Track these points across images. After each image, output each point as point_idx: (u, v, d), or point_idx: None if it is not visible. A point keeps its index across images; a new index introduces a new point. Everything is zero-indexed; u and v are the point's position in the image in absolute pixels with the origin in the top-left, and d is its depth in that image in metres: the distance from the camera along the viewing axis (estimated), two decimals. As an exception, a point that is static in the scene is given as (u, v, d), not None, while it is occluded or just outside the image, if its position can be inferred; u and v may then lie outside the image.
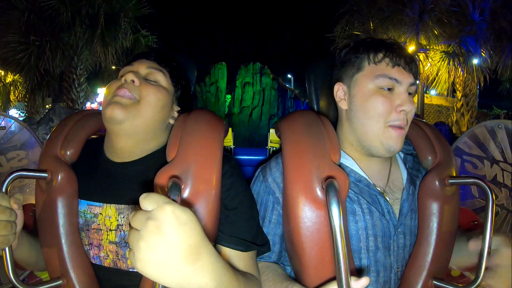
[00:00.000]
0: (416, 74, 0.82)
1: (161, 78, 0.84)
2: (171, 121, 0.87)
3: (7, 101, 8.52)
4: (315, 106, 1.02)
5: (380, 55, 0.81)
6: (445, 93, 8.48)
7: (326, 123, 0.83)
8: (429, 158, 0.86)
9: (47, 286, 0.75)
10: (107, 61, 7.84)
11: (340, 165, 0.81)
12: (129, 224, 0.48)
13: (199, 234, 0.49)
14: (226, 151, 0.82)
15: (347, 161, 0.86)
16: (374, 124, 0.80)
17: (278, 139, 0.86)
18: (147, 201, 0.47)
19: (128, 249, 0.77)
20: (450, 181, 0.81)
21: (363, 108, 0.81)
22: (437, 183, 0.81)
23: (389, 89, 0.80)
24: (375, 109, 0.79)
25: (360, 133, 0.83)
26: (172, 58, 0.91)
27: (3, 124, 2.07)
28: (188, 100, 0.93)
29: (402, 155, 0.93)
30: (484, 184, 0.77)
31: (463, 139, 1.92)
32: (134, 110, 0.76)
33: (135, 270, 0.76)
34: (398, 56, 0.80)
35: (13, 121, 2.12)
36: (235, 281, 0.60)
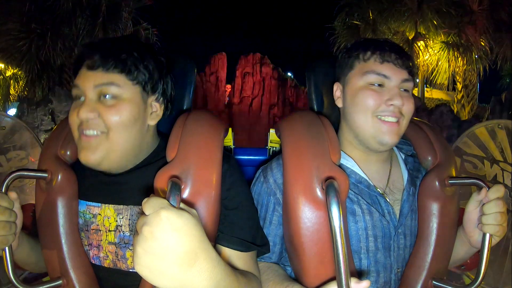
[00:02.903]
0: (410, 70, 0.82)
1: (117, 90, 0.71)
2: (151, 122, 0.78)
3: (7, 94, 8.48)
4: (315, 106, 1.02)
5: (368, 53, 0.83)
6: (445, 83, 8.41)
7: (326, 123, 0.83)
8: (429, 158, 0.86)
9: (47, 286, 0.75)
10: None
11: (341, 166, 0.81)
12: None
13: (197, 239, 0.49)
14: (226, 151, 0.81)
15: (347, 162, 0.86)
16: (363, 117, 0.82)
17: (278, 139, 0.86)
18: (146, 206, 0.48)
19: (128, 250, 0.77)
20: (450, 181, 0.81)
21: (353, 103, 0.83)
22: (437, 183, 0.81)
23: (379, 85, 0.81)
24: (364, 103, 0.81)
25: (353, 128, 0.84)
26: (119, 46, 0.74)
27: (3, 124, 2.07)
28: (160, 81, 0.78)
29: (403, 156, 0.93)
30: (484, 184, 0.77)
31: (463, 139, 1.92)
32: (105, 146, 0.71)
33: (135, 271, 0.76)
34: (387, 53, 0.81)
35: (13, 121, 2.12)
36: (236, 286, 0.60)
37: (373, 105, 0.80)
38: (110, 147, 0.71)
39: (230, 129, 1.09)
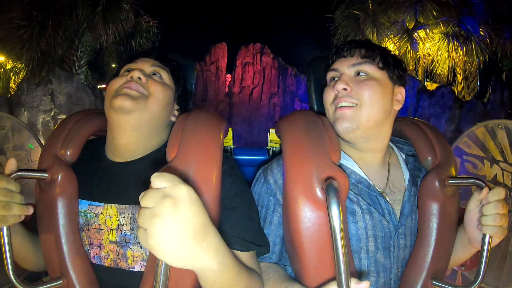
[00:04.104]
0: (364, 52, 0.85)
1: (165, 75, 0.87)
2: (173, 119, 0.88)
3: (7, 87, 8.45)
4: (315, 106, 1.02)
5: (331, 60, 0.91)
6: (445, 72, 8.33)
7: (326, 123, 0.83)
8: (429, 158, 0.86)
9: (47, 286, 0.75)
10: (108, 41, 7.77)
11: (341, 166, 0.81)
12: (140, 204, 0.49)
13: (206, 214, 0.51)
14: (226, 151, 0.82)
15: (347, 162, 0.86)
16: (327, 112, 0.87)
17: (278, 139, 0.86)
18: (162, 179, 0.47)
19: (138, 228, 0.76)
20: (450, 181, 0.81)
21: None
22: (437, 183, 0.81)
23: (335, 79, 0.87)
24: (324, 99, 0.88)
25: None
26: (172, 57, 0.94)
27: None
28: (186, 99, 0.96)
29: (403, 156, 0.93)
30: (484, 184, 0.77)
31: (463, 139, 1.92)
32: (142, 103, 0.78)
33: (135, 270, 0.76)
34: (340, 51, 0.88)
35: (13, 121, 2.13)
36: (237, 267, 0.62)
37: (330, 97, 0.85)
38: (145, 107, 0.79)
39: (230, 129, 1.09)
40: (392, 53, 0.89)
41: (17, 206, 0.69)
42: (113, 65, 8.82)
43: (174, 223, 0.46)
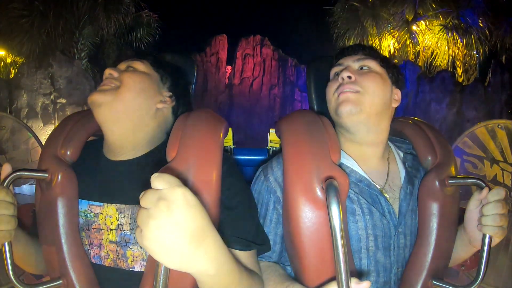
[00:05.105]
0: (367, 52, 0.92)
1: (139, 66, 0.86)
2: (159, 106, 0.86)
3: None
4: (315, 106, 1.02)
5: (336, 59, 0.96)
6: (445, 64, 8.30)
7: (326, 123, 0.83)
8: (429, 158, 0.86)
9: (47, 286, 0.75)
10: (109, 32, 7.76)
11: (341, 166, 0.81)
12: (140, 204, 0.49)
13: (206, 218, 0.50)
14: (226, 151, 0.82)
15: (348, 161, 0.86)
16: (329, 103, 0.90)
17: (278, 139, 0.86)
18: (160, 180, 0.47)
19: (136, 227, 0.76)
20: (450, 181, 0.81)
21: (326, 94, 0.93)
22: (437, 183, 0.81)
23: (338, 74, 0.91)
24: (328, 90, 0.91)
25: (331, 117, 0.90)
26: (151, 53, 0.96)
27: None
28: (180, 85, 0.93)
29: (401, 154, 0.93)
30: (484, 184, 0.77)
31: (463, 139, 1.92)
32: (113, 93, 0.79)
33: (135, 270, 0.76)
34: (345, 50, 0.94)
35: (13, 121, 2.13)
36: (236, 272, 0.61)
37: (333, 87, 0.88)
38: (116, 96, 0.79)
39: (230, 129, 1.09)
40: (391, 60, 0.96)
41: (16, 219, 0.71)
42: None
43: (168, 226, 0.46)
